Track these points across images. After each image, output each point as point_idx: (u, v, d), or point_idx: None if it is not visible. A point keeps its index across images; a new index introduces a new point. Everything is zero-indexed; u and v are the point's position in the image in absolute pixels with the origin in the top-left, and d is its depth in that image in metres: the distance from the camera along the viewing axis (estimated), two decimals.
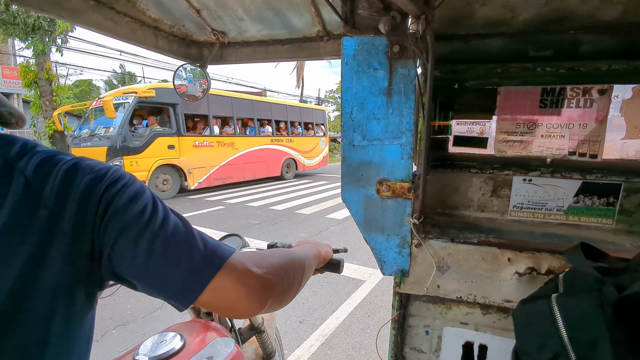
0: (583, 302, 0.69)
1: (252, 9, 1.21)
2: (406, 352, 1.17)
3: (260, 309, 0.51)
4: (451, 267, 0.99)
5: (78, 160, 0.47)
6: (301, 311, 3.22)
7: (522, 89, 1.09)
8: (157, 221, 0.48)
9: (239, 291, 0.49)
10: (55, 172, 0.44)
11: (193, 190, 9.84)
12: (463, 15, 1.01)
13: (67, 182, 0.44)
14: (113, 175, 0.48)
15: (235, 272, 0.49)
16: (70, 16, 1.06)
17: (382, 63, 0.89)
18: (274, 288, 0.53)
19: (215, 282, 0.47)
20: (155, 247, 0.46)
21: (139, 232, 0.46)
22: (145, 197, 0.49)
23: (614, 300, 0.65)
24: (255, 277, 0.51)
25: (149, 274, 0.47)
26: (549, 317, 0.71)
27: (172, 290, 0.48)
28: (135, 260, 0.46)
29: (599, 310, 0.66)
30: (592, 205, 1.06)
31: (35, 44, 9.87)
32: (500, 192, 1.14)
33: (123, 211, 0.46)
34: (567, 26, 1.00)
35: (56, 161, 0.45)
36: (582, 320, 0.68)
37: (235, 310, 0.51)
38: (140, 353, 0.87)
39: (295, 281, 0.60)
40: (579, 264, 0.77)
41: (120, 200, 0.46)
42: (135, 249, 0.46)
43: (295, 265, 0.61)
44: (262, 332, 1.43)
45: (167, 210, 0.50)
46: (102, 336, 2.81)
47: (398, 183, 0.94)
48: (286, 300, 0.58)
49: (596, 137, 1.04)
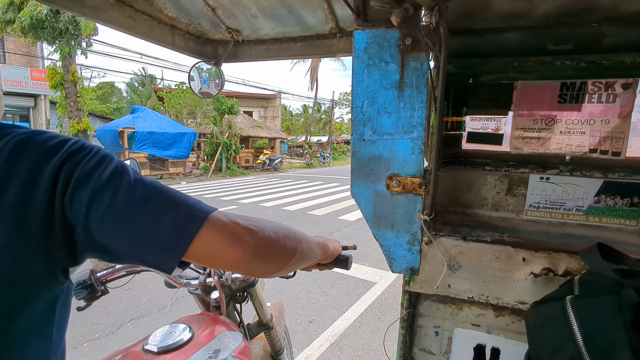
0: (600, 304, 0.66)
1: (266, 6, 1.22)
2: (415, 352, 1.14)
3: (244, 256, 0.51)
4: (463, 266, 0.96)
5: (31, 134, 0.45)
6: (311, 311, 3.21)
7: (540, 84, 1.05)
8: (131, 181, 0.47)
9: (223, 238, 0.49)
10: (2, 144, 0.42)
11: (207, 190, 10.01)
12: (479, 8, 0.98)
13: (15, 156, 0.42)
14: (71, 147, 0.46)
15: (220, 222, 0.50)
16: (92, 13, 1.10)
17: (394, 56, 0.88)
18: (257, 239, 0.53)
19: (201, 233, 0.48)
20: (135, 204, 0.46)
21: (114, 194, 0.45)
22: (113, 162, 0.48)
23: (634, 303, 0.62)
24: (240, 226, 0.52)
25: (133, 233, 0.46)
26: (562, 320, 0.68)
27: (158, 247, 0.47)
28: (115, 222, 0.45)
29: (617, 313, 0.63)
30: (615, 205, 1.01)
31: (62, 47, 10.32)
32: (516, 191, 1.11)
33: (88, 179, 0.45)
34: (589, 18, 0.96)
35: (7, 133, 0.44)
36: (598, 323, 0.65)
37: (220, 257, 0.51)
38: (150, 343, 0.89)
39: (287, 247, 0.60)
40: (596, 265, 0.74)
41: (83, 169, 0.45)
42: (114, 211, 0.45)
43: (287, 234, 0.61)
44: (271, 329, 1.43)
45: (138, 173, 0.50)
46: (118, 328, 2.89)
47: (409, 178, 0.92)
48: (274, 262, 0.58)
49: (619, 134, 0.99)
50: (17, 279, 0.43)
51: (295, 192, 10.36)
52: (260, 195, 9.59)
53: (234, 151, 16.46)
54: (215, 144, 15.89)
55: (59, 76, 10.96)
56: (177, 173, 14.28)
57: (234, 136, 16.18)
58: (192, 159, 17.53)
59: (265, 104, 28.27)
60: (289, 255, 0.61)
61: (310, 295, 3.54)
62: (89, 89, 13.07)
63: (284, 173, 17.79)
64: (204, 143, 16.83)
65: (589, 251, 0.77)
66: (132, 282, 1.14)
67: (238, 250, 0.51)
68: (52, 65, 11.24)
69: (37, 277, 0.45)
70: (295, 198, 9.23)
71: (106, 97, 25.10)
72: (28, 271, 0.44)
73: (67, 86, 11.05)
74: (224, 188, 10.96)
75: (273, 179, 14.72)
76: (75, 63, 11.14)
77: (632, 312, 0.62)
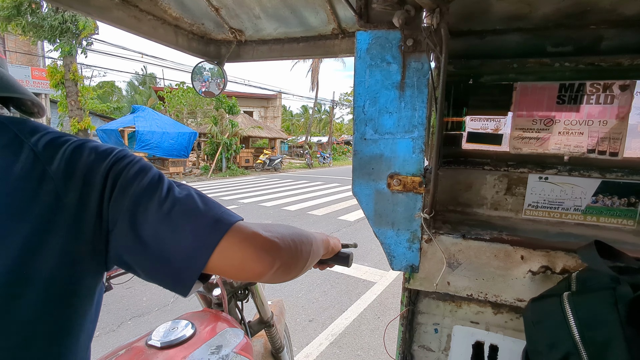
0: (596, 300, 0.67)
1: (269, 7, 1.24)
2: (414, 349, 1.16)
3: (268, 270, 0.52)
4: (462, 264, 0.98)
5: (85, 141, 0.50)
6: (311, 310, 3.22)
7: (539, 85, 1.06)
8: (163, 191, 0.49)
9: (245, 251, 0.49)
10: (63, 149, 0.46)
11: (207, 190, 10.01)
12: (479, 10, 1.00)
13: (74, 159, 0.46)
14: (118, 154, 0.50)
15: (242, 234, 0.50)
16: (97, 13, 1.11)
17: (396, 57, 0.89)
18: (280, 251, 0.53)
19: (222, 244, 0.48)
20: (162, 215, 0.48)
21: (145, 206, 0.47)
22: (151, 172, 0.51)
23: (630, 298, 0.63)
24: (262, 239, 0.51)
25: (157, 243, 0.47)
26: (560, 316, 0.69)
27: (181, 257, 0.48)
28: (142, 232, 0.47)
29: (613, 309, 0.64)
30: (612, 205, 1.02)
31: (63, 46, 10.32)
32: (515, 190, 1.12)
33: (130, 185, 0.48)
34: (588, 21, 0.97)
35: (65, 140, 0.48)
36: (595, 319, 0.66)
37: (243, 270, 0.51)
38: (153, 338, 0.90)
39: (303, 253, 0.61)
40: (593, 262, 0.75)
41: (127, 175, 0.48)
42: (143, 221, 0.47)
43: (302, 238, 0.62)
44: (272, 327, 1.44)
45: (172, 183, 0.52)
46: (118, 326, 2.90)
47: (409, 177, 0.93)
48: (293, 269, 0.58)
49: (617, 135, 1.00)
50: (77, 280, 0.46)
51: (295, 192, 10.37)
52: (260, 195, 9.60)
53: (234, 151, 16.47)
54: (216, 144, 15.90)
55: (60, 75, 10.95)
56: (177, 172, 14.28)
57: (234, 136, 16.18)
58: (192, 158, 17.53)
59: (266, 104, 28.29)
60: (305, 260, 0.62)
61: (310, 294, 3.55)
62: (90, 88, 13.05)
63: (284, 173, 17.80)
64: (204, 143, 16.83)
65: (586, 248, 0.78)
66: (132, 281, 1.16)
67: (262, 264, 0.51)
68: (52, 64, 11.24)
69: (90, 278, 0.48)
70: (295, 198, 9.24)
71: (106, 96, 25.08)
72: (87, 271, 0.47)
73: (67, 85, 11.05)
74: (224, 188, 10.96)
75: (273, 179, 14.73)
76: (76, 62, 11.15)
77: (628, 307, 0.63)
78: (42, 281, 0.42)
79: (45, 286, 0.43)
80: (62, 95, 11.27)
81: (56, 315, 0.44)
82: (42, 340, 0.43)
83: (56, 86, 11.11)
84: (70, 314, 0.46)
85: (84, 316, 0.49)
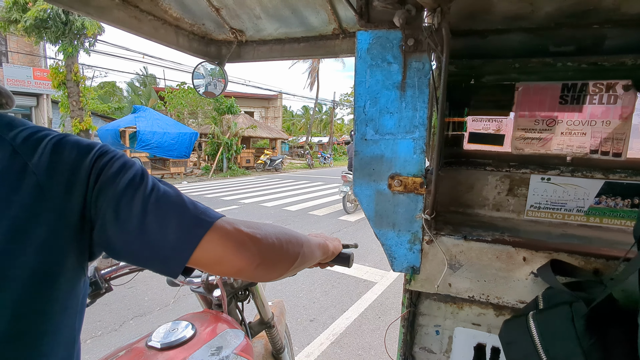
0: (556, 316, 0.71)
1: (270, 7, 1.23)
2: (416, 351, 1.15)
3: (248, 265, 0.52)
4: (463, 265, 0.97)
5: (65, 135, 0.50)
6: (312, 310, 3.22)
7: (542, 85, 1.05)
8: (147, 187, 0.50)
9: (226, 246, 0.50)
10: (44, 143, 0.46)
11: (208, 190, 10.03)
12: (481, 10, 0.99)
13: (56, 153, 0.46)
14: (101, 148, 0.51)
15: (224, 230, 0.51)
16: (97, 14, 1.11)
17: (397, 57, 0.88)
18: (261, 247, 0.54)
19: (205, 240, 0.49)
20: (146, 210, 0.48)
21: (130, 199, 0.48)
22: (134, 167, 0.51)
23: (584, 313, 0.67)
24: (243, 234, 0.52)
25: (142, 237, 0.48)
26: (527, 335, 0.73)
27: (165, 252, 0.49)
28: (127, 226, 0.48)
29: (570, 325, 0.67)
30: (615, 206, 1.01)
31: (65, 46, 10.34)
32: (517, 191, 1.11)
33: (112, 181, 0.48)
34: (591, 20, 0.96)
35: (44, 134, 0.48)
36: (555, 335, 0.69)
37: (223, 265, 0.52)
38: (153, 339, 0.90)
39: (290, 252, 0.61)
40: (549, 279, 0.79)
41: (109, 170, 0.49)
42: (129, 214, 0.48)
43: (289, 238, 0.62)
44: (272, 327, 1.44)
45: (155, 180, 0.53)
46: (120, 326, 2.90)
47: (410, 178, 0.93)
48: (278, 267, 0.59)
49: (620, 135, 1.00)
50: (59, 272, 0.46)
51: (296, 192, 10.37)
52: (261, 196, 9.60)
53: (235, 151, 16.47)
54: (217, 144, 15.91)
55: (62, 75, 10.99)
56: (178, 173, 14.30)
57: (235, 136, 16.19)
58: (193, 158, 17.56)
59: (267, 104, 28.29)
60: (291, 260, 0.62)
61: (311, 294, 3.55)
62: (91, 88, 13.08)
63: (284, 173, 17.81)
64: (205, 143, 16.85)
65: (544, 268, 0.83)
66: (134, 281, 1.15)
67: (241, 258, 0.52)
68: (54, 64, 11.27)
69: (72, 270, 0.49)
70: (296, 198, 9.24)
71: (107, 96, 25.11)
72: (69, 263, 0.47)
73: (69, 85, 11.08)
74: (225, 188, 10.97)
75: (274, 179, 14.73)
76: (77, 62, 11.17)
77: (583, 321, 0.67)
78: (22, 273, 0.42)
79: (26, 277, 0.43)
80: (63, 96, 11.30)
81: (36, 308, 0.44)
82: (24, 331, 0.43)
83: (58, 87, 11.14)
84: (51, 306, 0.46)
85: (66, 310, 0.49)
